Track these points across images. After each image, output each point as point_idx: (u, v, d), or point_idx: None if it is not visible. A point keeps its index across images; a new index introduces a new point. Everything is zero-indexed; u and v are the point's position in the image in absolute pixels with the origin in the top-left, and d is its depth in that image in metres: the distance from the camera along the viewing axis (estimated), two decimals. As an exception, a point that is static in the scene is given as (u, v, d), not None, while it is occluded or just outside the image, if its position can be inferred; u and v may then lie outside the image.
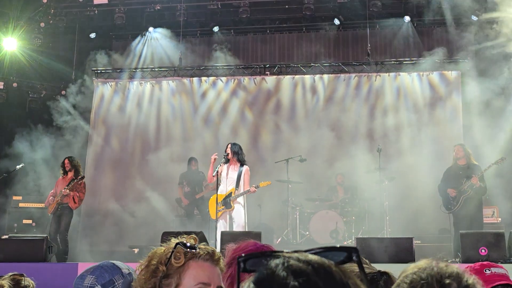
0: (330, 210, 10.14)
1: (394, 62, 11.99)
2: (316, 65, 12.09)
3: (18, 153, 11.10)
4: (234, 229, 7.78)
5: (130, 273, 1.95)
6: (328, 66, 12.15)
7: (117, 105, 12.75)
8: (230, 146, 8.05)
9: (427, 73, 11.83)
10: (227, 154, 7.92)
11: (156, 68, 12.61)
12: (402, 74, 11.95)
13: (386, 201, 9.60)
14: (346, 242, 9.56)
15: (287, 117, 12.23)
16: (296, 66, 12.31)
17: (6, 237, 8.39)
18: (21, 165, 9.96)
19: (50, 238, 7.66)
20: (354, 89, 12.11)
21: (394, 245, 6.63)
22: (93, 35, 12.50)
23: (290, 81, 12.38)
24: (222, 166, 7.87)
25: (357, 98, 12.05)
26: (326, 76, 12.27)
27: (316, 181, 10.93)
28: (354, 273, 0.82)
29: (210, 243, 5.75)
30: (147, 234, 10.77)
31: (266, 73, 12.43)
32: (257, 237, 6.23)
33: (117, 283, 1.89)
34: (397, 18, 11.86)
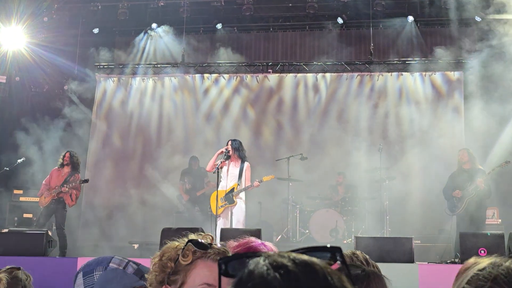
0: (330, 209, 10.14)
1: (397, 62, 11.96)
2: (318, 63, 12.06)
3: (19, 147, 11.12)
4: (234, 224, 7.80)
5: (118, 268, 2.00)
6: (330, 65, 12.12)
7: (119, 100, 12.76)
8: (230, 143, 8.07)
9: (430, 73, 11.82)
10: (228, 151, 7.94)
11: (158, 64, 12.61)
12: (404, 74, 11.94)
13: (386, 200, 9.61)
14: (345, 241, 9.57)
15: (289, 115, 12.22)
16: (298, 64, 12.29)
17: (6, 230, 8.40)
18: (22, 159, 9.99)
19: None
20: (356, 88, 12.10)
21: (393, 244, 6.63)
22: (96, 31, 12.49)
23: (293, 79, 12.37)
24: (223, 162, 7.88)
25: (359, 98, 12.04)
26: (328, 75, 12.25)
27: (316, 179, 10.92)
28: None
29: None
30: (147, 230, 10.81)
31: (269, 71, 12.41)
32: (257, 234, 6.23)
33: (95, 274, 2.00)
34: (400, 18, 11.84)
